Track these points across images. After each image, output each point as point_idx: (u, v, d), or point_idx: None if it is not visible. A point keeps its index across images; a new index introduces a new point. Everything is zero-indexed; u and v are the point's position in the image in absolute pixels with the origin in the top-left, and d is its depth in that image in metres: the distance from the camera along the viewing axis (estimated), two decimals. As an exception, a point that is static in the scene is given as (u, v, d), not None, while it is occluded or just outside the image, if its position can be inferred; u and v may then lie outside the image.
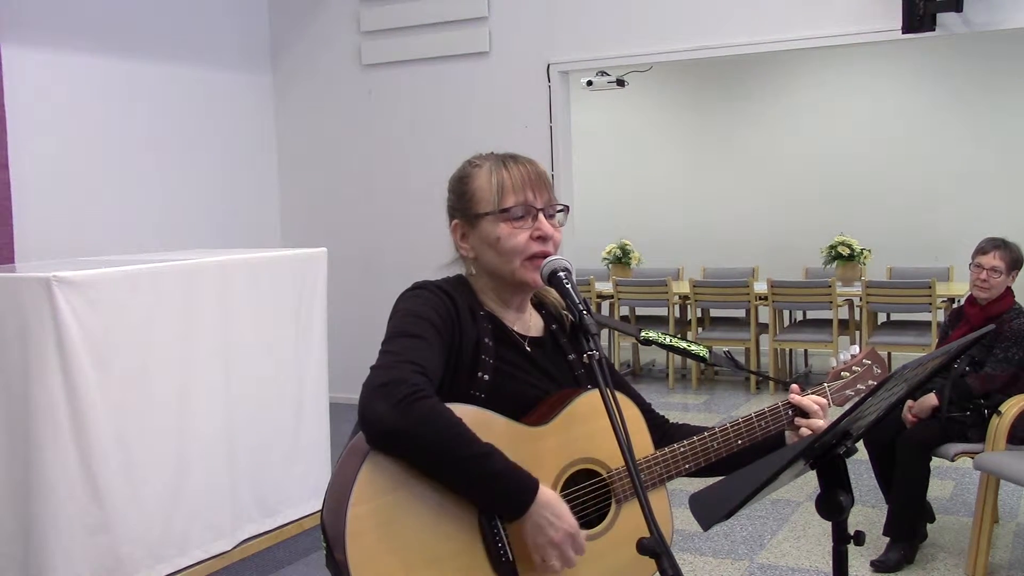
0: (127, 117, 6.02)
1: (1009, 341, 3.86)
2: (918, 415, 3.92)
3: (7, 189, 5.19)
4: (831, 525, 1.66)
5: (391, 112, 6.87)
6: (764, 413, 1.87)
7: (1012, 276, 4.01)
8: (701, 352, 2.00)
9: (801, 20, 5.76)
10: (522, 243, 1.74)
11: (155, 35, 6.20)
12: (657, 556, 1.44)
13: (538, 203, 1.77)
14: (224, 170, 6.74)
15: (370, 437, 1.56)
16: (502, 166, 1.78)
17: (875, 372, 2.01)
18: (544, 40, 6.38)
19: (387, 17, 6.78)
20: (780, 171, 9.16)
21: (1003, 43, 7.94)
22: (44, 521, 3.25)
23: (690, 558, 4.08)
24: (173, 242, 5.99)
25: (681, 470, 1.80)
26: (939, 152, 8.58)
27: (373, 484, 1.55)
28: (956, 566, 3.88)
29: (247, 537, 4.03)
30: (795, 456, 1.55)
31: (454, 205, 1.83)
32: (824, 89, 9.01)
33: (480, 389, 1.71)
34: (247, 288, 4.01)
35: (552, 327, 1.90)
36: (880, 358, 2.05)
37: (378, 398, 1.53)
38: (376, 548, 1.53)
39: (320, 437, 4.40)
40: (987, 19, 5.33)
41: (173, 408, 3.64)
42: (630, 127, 9.86)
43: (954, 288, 7.10)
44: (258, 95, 7.08)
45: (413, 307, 1.72)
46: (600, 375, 1.57)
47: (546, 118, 6.40)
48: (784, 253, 8.84)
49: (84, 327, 3.29)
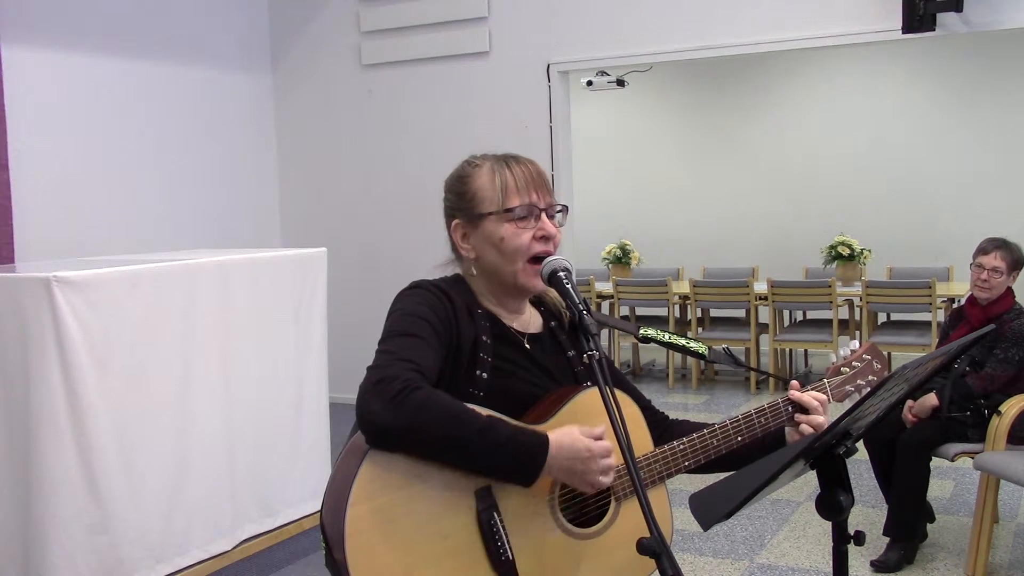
0: (127, 117, 6.02)
1: (1009, 341, 3.86)
2: (918, 415, 3.92)
3: (7, 189, 5.19)
4: (831, 525, 1.66)
5: (391, 112, 6.87)
6: (764, 410, 1.87)
7: (1013, 276, 4.01)
8: (700, 349, 2.00)
9: (801, 20, 5.75)
10: (526, 243, 1.75)
11: (155, 35, 6.20)
12: (657, 556, 1.44)
13: (541, 203, 1.77)
14: (224, 170, 6.74)
15: (369, 437, 1.56)
16: (505, 166, 1.79)
17: (875, 367, 2.01)
18: (544, 40, 6.38)
19: (387, 17, 6.78)
20: (780, 171, 9.17)
21: (1003, 43, 7.94)
22: (44, 521, 3.25)
23: (690, 558, 4.08)
24: (173, 242, 5.99)
25: (681, 467, 1.80)
26: (939, 152, 8.58)
27: (372, 484, 1.55)
28: (956, 566, 3.88)
29: (247, 537, 4.03)
30: (795, 456, 1.55)
31: (454, 205, 1.82)
32: (824, 89, 9.01)
33: (479, 387, 1.71)
34: (247, 288, 4.01)
35: (551, 324, 1.90)
36: (879, 353, 2.04)
37: (372, 397, 1.54)
38: (375, 548, 1.53)
39: (320, 437, 4.40)
40: (987, 19, 5.33)
41: (173, 408, 3.64)
42: (630, 127, 9.86)
43: (954, 288, 7.10)
44: (258, 95, 7.08)
45: (410, 306, 1.72)
46: (600, 375, 1.57)
47: (546, 118, 6.40)
48: (784, 253, 8.84)
49: (84, 327, 3.29)
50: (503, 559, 1.61)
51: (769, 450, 1.88)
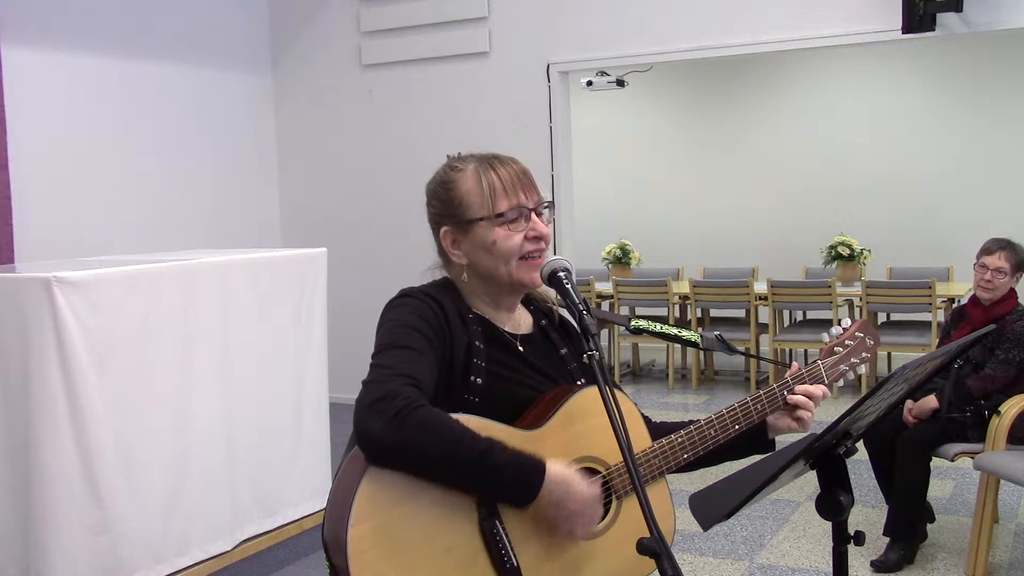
0: (127, 117, 6.02)
1: (1011, 343, 3.86)
2: (918, 416, 3.92)
3: (7, 189, 5.19)
4: (831, 525, 1.66)
5: (391, 112, 6.87)
6: (759, 396, 1.87)
7: (1016, 278, 4.00)
8: (692, 337, 2.00)
9: (801, 20, 5.76)
10: (517, 245, 1.74)
11: (155, 35, 6.20)
12: (657, 556, 1.44)
13: (529, 203, 1.77)
14: (224, 170, 6.74)
15: (368, 456, 1.54)
16: (489, 168, 1.77)
17: (867, 344, 1.98)
18: (544, 40, 6.38)
19: (387, 17, 6.78)
20: (780, 171, 9.16)
21: (1003, 43, 7.93)
22: (44, 521, 3.25)
23: (690, 558, 4.08)
24: (173, 242, 5.99)
25: (680, 461, 1.79)
26: (939, 152, 8.58)
27: (373, 500, 1.53)
28: (956, 566, 3.88)
29: (247, 537, 4.03)
30: (795, 456, 1.55)
31: (441, 212, 1.80)
32: (824, 89, 9.01)
33: (474, 393, 1.70)
34: (247, 288, 4.01)
35: (541, 322, 1.90)
36: (871, 329, 2.01)
37: (372, 416, 1.52)
38: (380, 565, 1.52)
39: (320, 437, 4.39)
40: (987, 19, 5.33)
41: (173, 408, 3.64)
42: (630, 127, 9.86)
43: (954, 288, 7.10)
44: (258, 95, 7.08)
45: (401, 317, 1.70)
46: (600, 374, 1.57)
47: (546, 118, 6.39)
48: (784, 253, 8.84)
49: (84, 327, 3.29)
50: (508, 566, 1.61)
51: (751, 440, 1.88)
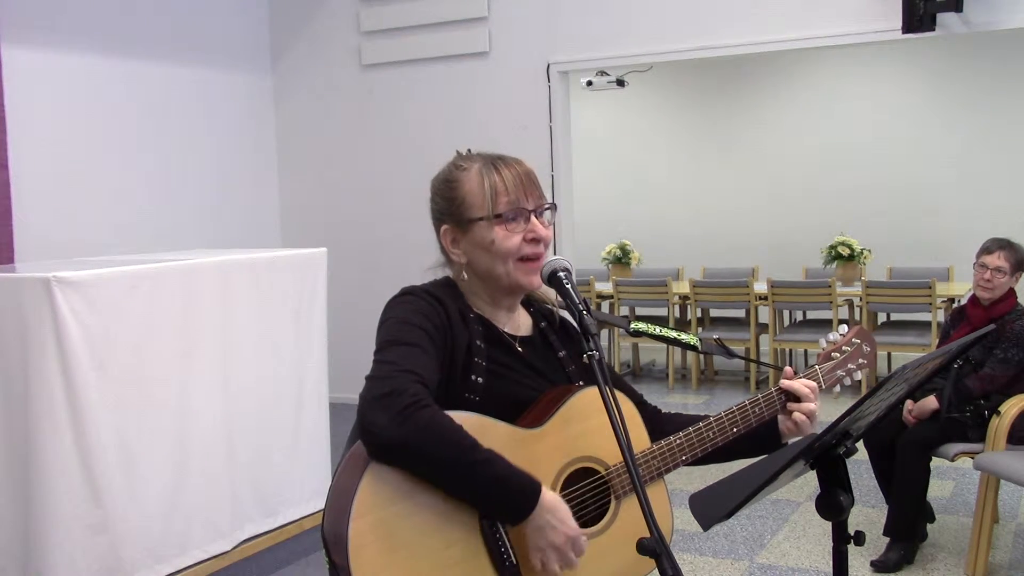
0: (127, 117, 6.02)
1: (1010, 342, 3.86)
2: (918, 417, 3.92)
3: (7, 189, 5.19)
4: (831, 525, 1.66)
5: (391, 112, 6.87)
6: (757, 400, 1.88)
7: (1016, 277, 4.00)
8: (691, 341, 2.00)
9: (801, 20, 5.75)
10: (516, 245, 1.74)
11: (155, 35, 6.19)
12: (657, 556, 1.45)
13: (530, 205, 1.77)
14: (224, 170, 6.74)
15: (371, 450, 1.55)
16: (493, 169, 1.77)
17: (864, 350, 2.00)
18: (544, 40, 6.38)
19: (387, 17, 6.78)
20: (780, 171, 9.17)
21: (1003, 43, 7.94)
22: (44, 521, 3.25)
23: (690, 558, 4.08)
24: (173, 242, 5.99)
25: (679, 462, 1.81)
26: (939, 152, 8.58)
27: (374, 496, 1.54)
28: (956, 566, 3.88)
29: (247, 537, 4.02)
30: (795, 456, 1.55)
31: (443, 210, 1.81)
32: (824, 89, 9.01)
33: (474, 392, 1.71)
34: (247, 288, 4.00)
35: (541, 324, 1.90)
36: (868, 335, 2.02)
37: (378, 410, 1.52)
38: (380, 560, 1.53)
39: (320, 437, 4.39)
40: (987, 19, 5.33)
41: (173, 408, 3.64)
42: (630, 127, 9.86)
43: (954, 288, 7.10)
44: (258, 95, 7.08)
45: (404, 314, 1.71)
46: (600, 375, 1.57)
47: (546, 118, 6.39)
48: (784, 253, 8.84)
49: (84, 327, 3.28)
50: (507, 564, 1.61)
51: (763, 440, 1.90)
